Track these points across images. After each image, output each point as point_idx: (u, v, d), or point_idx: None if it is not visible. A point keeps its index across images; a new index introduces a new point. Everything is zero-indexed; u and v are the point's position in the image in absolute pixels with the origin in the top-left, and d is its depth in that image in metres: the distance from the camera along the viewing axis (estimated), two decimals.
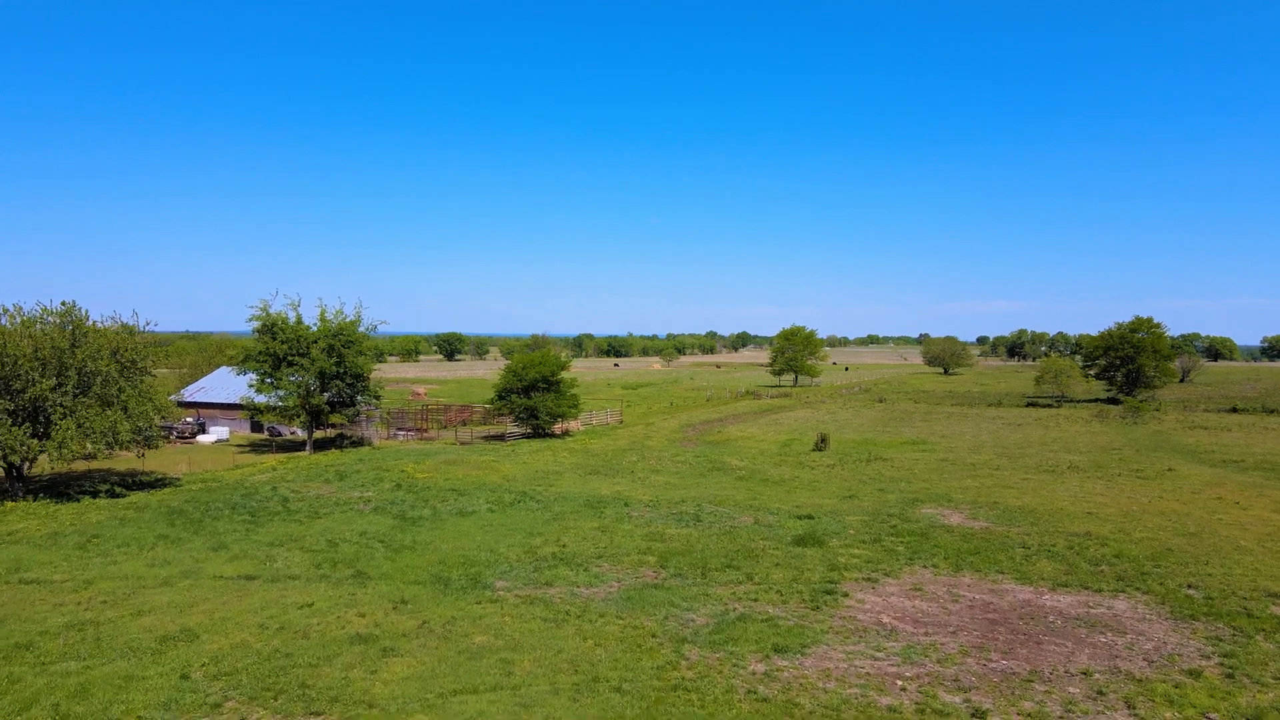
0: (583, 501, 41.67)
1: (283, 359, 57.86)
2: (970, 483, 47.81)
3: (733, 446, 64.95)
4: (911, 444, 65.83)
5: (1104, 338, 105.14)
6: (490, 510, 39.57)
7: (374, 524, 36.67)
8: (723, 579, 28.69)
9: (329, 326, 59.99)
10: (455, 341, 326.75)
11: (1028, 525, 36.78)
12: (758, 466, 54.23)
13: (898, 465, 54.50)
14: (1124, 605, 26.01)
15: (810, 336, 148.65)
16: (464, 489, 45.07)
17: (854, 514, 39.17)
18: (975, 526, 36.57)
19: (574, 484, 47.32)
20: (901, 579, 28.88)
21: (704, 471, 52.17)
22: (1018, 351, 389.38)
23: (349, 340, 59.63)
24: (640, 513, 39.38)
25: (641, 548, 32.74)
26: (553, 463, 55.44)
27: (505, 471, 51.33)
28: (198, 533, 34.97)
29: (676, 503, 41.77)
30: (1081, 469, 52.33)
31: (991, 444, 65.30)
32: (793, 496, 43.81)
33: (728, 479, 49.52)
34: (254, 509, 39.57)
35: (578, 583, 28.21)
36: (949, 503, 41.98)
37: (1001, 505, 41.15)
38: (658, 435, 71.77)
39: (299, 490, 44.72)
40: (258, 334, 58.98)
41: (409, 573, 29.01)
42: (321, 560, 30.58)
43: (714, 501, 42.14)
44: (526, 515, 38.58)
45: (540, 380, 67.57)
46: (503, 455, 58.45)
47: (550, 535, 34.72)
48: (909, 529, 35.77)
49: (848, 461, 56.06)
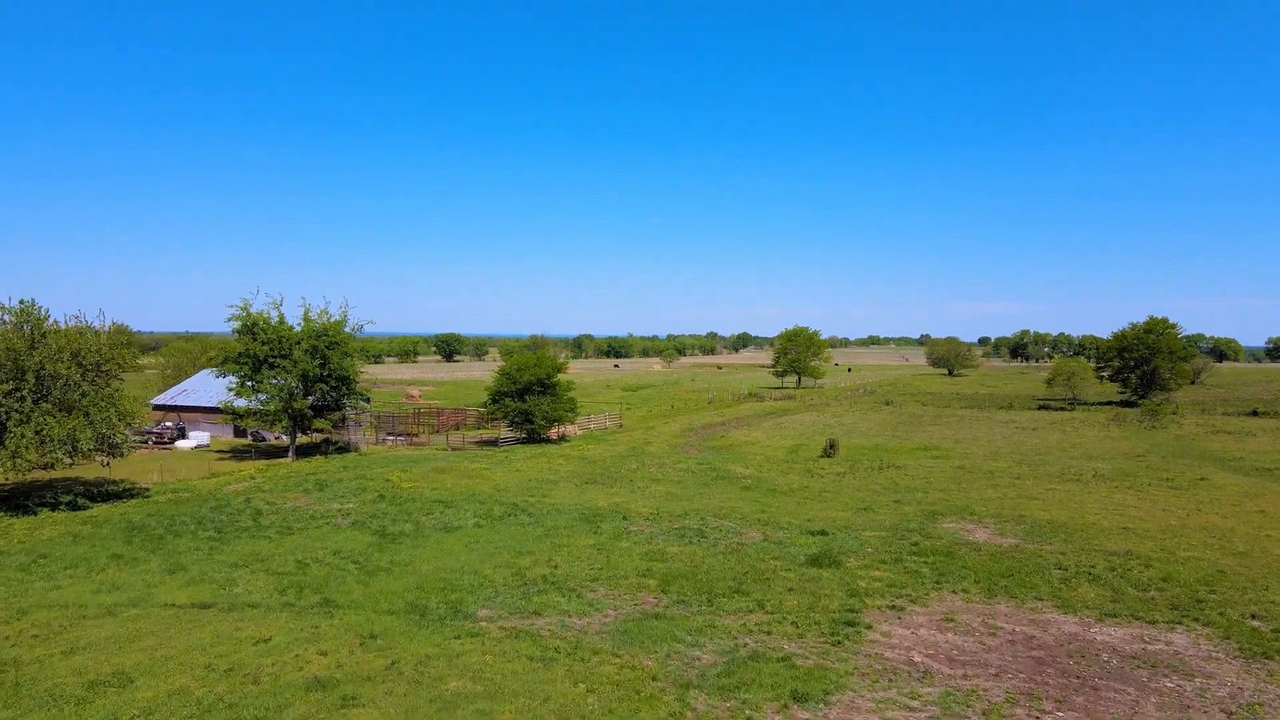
0: (578, 515, 38.76)
1: (264, 361, 54.98)
2: (991, 493, 44.90)
3: (737, 452, 62.04)
4: (924, 449, 62.91)
5: (1117, 339, 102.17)
6: (478, 525, 36.65)
7: (350, 541, 33.76)
8: (731, 606, 25.79)
9: (313, 327, 57.11)
10: (454, 342, 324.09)
11: (1060, 542, 33.85)
12: (764, 475, 51.31)
13: (912, 473, 51.59)
14: (1184, 640, 23.09)
15: (813, 337, 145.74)
16: (451, 500, 42.17)
17: (870, 529, 36.27)
18: (1004, 544, 33.65)
19: (569, 494, 44.42)
20: (930, 607, 25.97)
21: (707, 480, 49.27)
22: (1020, 352, 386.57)
23: (333, 341, 56.74)
24: (640, 527, 36.49)
25: (641, 569, 29.83)
26: (547, 471, 52.54)
27: (497, 480, 48.43)
28: (155, 551, 32.04)
29: (679, 516, 38.88)
30: (1108, 478, 49.41)
31: (1008, 450, 62.39)
32: (803, 509, 40.91)
33: (733, 489, 46.61)
34: (222, 524, 36.65)
35: (570, 611, 25.32)
36: (971, 516, 39.08)
37: (1029, 519, 38.24)
38: (658, 440, 68.87)
39: (274, 502, 41.81)
40: (238, 334, 56.11)
41: (383, 600, 26.10)
42: (287, 585, 27.67)
43: (719, 514, 39.25)
44: (517, 531, 35.67)
45: (535, 383, 64.67)
46: (495, 462, 55.56)
47: (541, 554, 31.81)
48: (932, 547, 32.85)
49: (859, 469, 53.15)
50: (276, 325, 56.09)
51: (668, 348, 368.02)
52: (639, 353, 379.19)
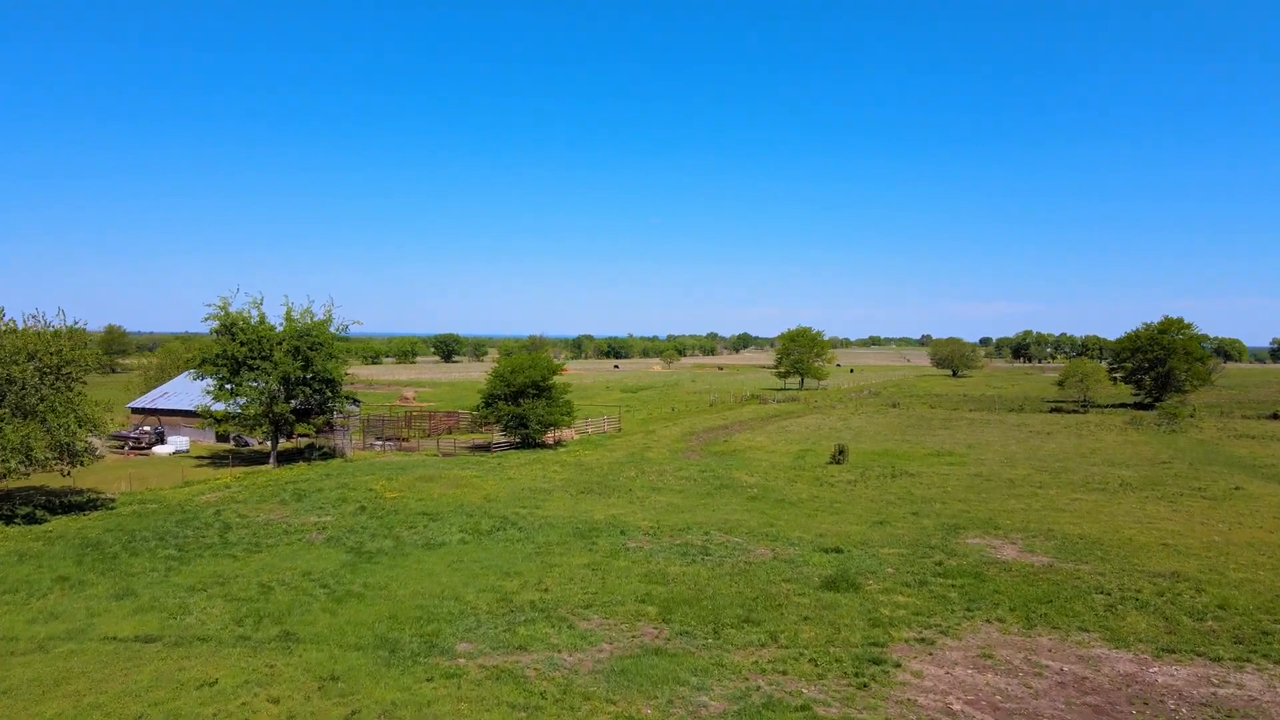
0: (572, 529, 35.95)
1: (242, 363, 52.16)
2: (1014, 504, 42.10)
3: (741, 458, 59.24)
4: (937, 455, 60.11)
5: (1131, 339, 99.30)
6: (463, 541, 33.84)
7: (323, 560, 30.95)
8: (740, 639, 23.01)
9: (295, 327, 54.28)
10: (452, 343, 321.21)
11: (1097, 561, 31.05)
12: (771, 483, 48.51)
13: (926, 482, 48.77)
14: (1257, 682, 20.29)
15: (816, 338, 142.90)
16: (437, 512, 39.37)
17: (888, 545, 33.47)
18: (1035, 563, 30.85)
19: (563, 505, 41.63)
20: (963, 640, 23.18)
21: (711, 490, 46.46)
22: (1023, 353, 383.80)
23: (317, 342, 53.90)
24: (639, 543, 33.69)
25: (639, 593, 27.04)
26: (541, 478, 49.74)
27: (487, 490, 45.62)
28: (107, 573, 29.23)
29: (680, 530, 36.09)
30: (1135, 487, 46.60)
31: (1025, 456, 59.58)
32: (814, 522, 38.11)
33: (738, 499, 43.81)
34: (185, 540, 33.82)
35: (560, 645, 22.53)
36: (996, 530, 36.27)
37: (1058, 534, 35.43)
38: (658, 445, 66.06)
39: (246, 515, 39.00)
40: (216, 335, 53.29)
41: (350, 632, 23.29)
42: (246, 613, 24.86)
43: (724, 528, 36.45)
44: (505, 548, 32.86)
45: (530, 385, 61.83)
46: (487, 469, 52.75)
47: (531, 575, 29.01)
48: (958, 567, 30.04)
49: (870, 477, 50.34)
50: (256, 325, 53.28)
51: (668, 348, 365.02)
52: (639, 353, 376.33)
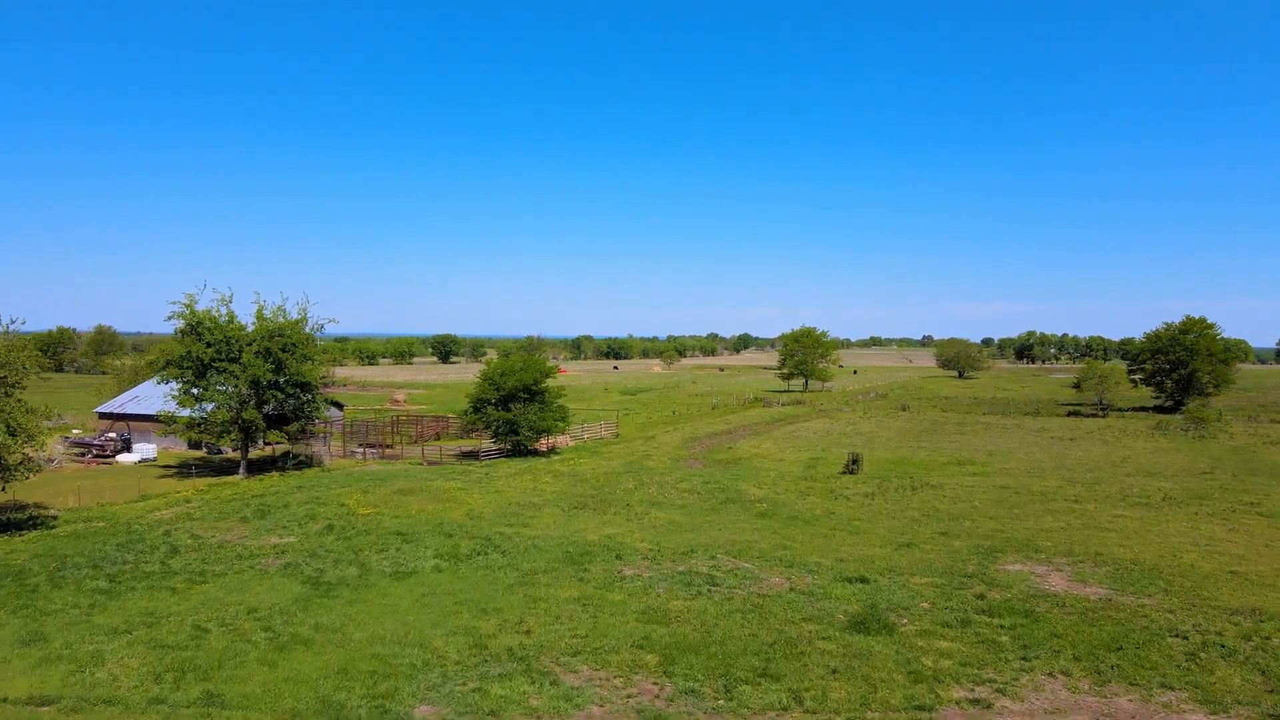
0: (562, 553, 32.02)
1: (208, 365, 48.24)
2: (1051, 522, 38.17)
3: (747, 468, 55.33)
4: (957, 464, 56.18)
5: (1151, 340, 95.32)
6: (437, 569, 29.92)
7: (274, 593, 27.03)
8: (757, 700, 19.13)
9: (267, 326, 50.36)
10: (449, 343, 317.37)
11: (1160, 594, 27.13)
12: (781, 497, 44.58)
13: (950, 495, 44.85)
14: None
15: (821, 338, 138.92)
16: (413, 531, 35.46)
17: (919, 573, 29.56)
18: (1090, 596, 26.93)
19: (554, 523, 37.72)
20: (1026, 700, 19.26)
21: (716, 504, 42.55)
22: (1026, 353, 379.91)
23: (290, 343, 49.93)
24: (637, 570, 29.79)
25: (637, 635, 23.14)
26: (531, 491, 45.82)
27: (471, 504, 41.71)
28: (20, 610, 25.30)
29: (684, 553, 32.19)
30: (1180, 501, 42.67)
31: (1052, 464, 55.65)
32: (832, 544, 34.19)
33: (745, 515, 39.90)
34: (122, 568, 29.89)
35: (540, 709, 18.65)
36: (1037, 554, 32.35)
37: (1108, 558, 31.51)
38: (659, 453, 62.14)
39: (200, 535, 35.08)
40: (181, 335, 49.36)
41: (287, 693, 19.37)
42: (169, 665, 20.94)
43: (732, 551, 32.54)
44: (485, 577, 28.94)
45: (521, 389, 57.87)
46: (473, 480, 48.83)
47: (512, 612, 25.11)
48: (1004, 602, 26.12)
49: (889, 489, 46.40)
50: (225, 325, 49.36)
51: (668, 349, 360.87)
52: (639, 354, 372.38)
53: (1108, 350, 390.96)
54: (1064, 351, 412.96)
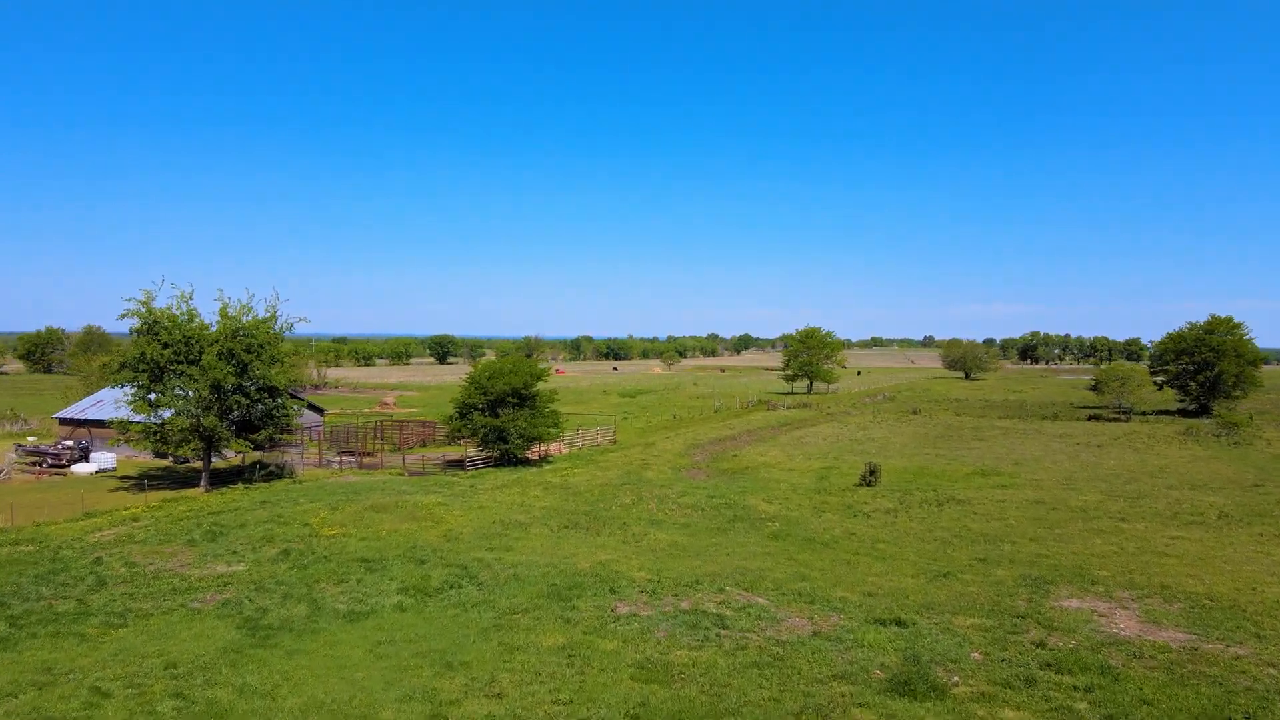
0: (547, 585, 27.80)
1: (165, 368, 44.04)
2: (1100, 544, 33.96)
3: (755, 478, 51.13)
4: (981, 475, 51.98)
5: (1175, 340, 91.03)
6: (401, 606, 25.70)
7: (202, 641, 22.82)
8: None
9: (231, 325, 46.14)
10: (447, 344, 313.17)
11: (1251, 640, 22.92)
12: (794, 513, 40.38)
13: (981, 511, 40.64)
14: None
15: (828, 338, 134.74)
16: (380, 557, 31.26)
17: (962, 611, 25.37)
18: (1171, 643, 22.70)
19: (540, 546, 33.52)
20: None
21: (722, 523, 38.35)
22: (1030, 354, 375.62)
23: (255, 344, 45.68)
24: (634, 607, 25.60)
25: (632, 701, 18.95)
26: (519, 506, 41.63)
27: (450, 523, 37.51)
28: None
29: (688, 585, 27.99)
30: (1237, 519, 38.45)
31: (1084, 475, 51.43)
32: (856, 572, 29.99)
33: (756, 537, 35.69)
34: (31, 606, 25.66)
35: None
36: (1094, 586, 28.14)
37: (1178, 592, 27.30)
38: (659, 461, 57.92)
39: (137, 563, 30.88)
40: (136, 335, 45.16)
41: None
42: None
43: (743, 582, 28.34)
44: (455, 618, 24.73)
45: (510, 394, 53.62)
46: (455, 494, 44.63)
47: (482, 668, 20.90)
48: (1070, 653, 21.88)
49: (912, 505, 42.20)
50: (184, 324, 45.14)
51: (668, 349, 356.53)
52: (639, 354, 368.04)
53: (1112, 351, 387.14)
54: (1068, 352, 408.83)
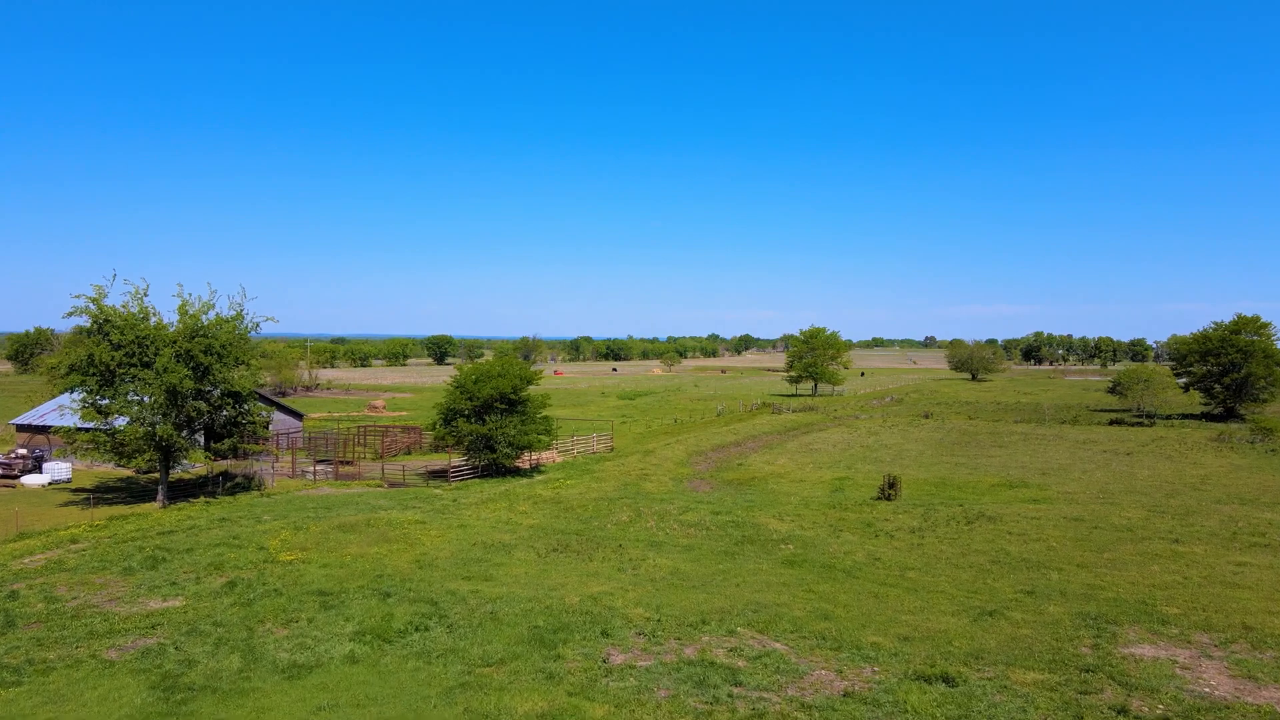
0: (528, 627, 23.81)
1: (115, 371, 40.07)
2: (1159, 572, 29.98)
3: (763, 490, 47.17)
4: (1008, 487, 48.01)
5: (1199, 340, 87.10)
6: (352, 657, 21.70)
7: (105, 706, 18.85)
8: None
9: (192, 324, 42.17)
10: (444, 344, 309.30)
11: None
12: (809, 533, 36.40)
13: (1016, 530, 36.65)
14: None
15: (833, 339, 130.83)
16: (340, 590, 27.30)
17: (1017, 662, 21.38)
18: (1277, 705, 18.75)
19: (525, 575, 29.56)
20: None
21: (730, 545, 34.37)
22: (1034, 355, 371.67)
23: (217, 345, 41.67)
24: (629, 656, 21.65)
25: None
26: (504, 524, 37.68)
27: (426, 545, 33.54)
28: None
29: (692, 625, 24.04)
30: None
31: (1120, 487, 47.47)
32: (886, 607, 26.01)
33: (769, 562, 31.71)
34: None
35: None
36: (1165, 626, 24.16)
37: (1265, 634, 23.32)
38: (659, 471, 53.96)
39: (61, 595, 26.90)
40: (84, 335, 41.20)
41: None
42: None
43: (757, 621, 24.39)
44: (415, 673, 20.75)
45: (498, 398, 49.64)
46: (435, 509, 40.68)
47: None
48: None
49: (937, 521, 38.21)
50: (138, 323, 41.15)
51: (668, 350, 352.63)
52: (639, 355, 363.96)
53: (1117, 351, 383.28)
54: (1071, 352, 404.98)
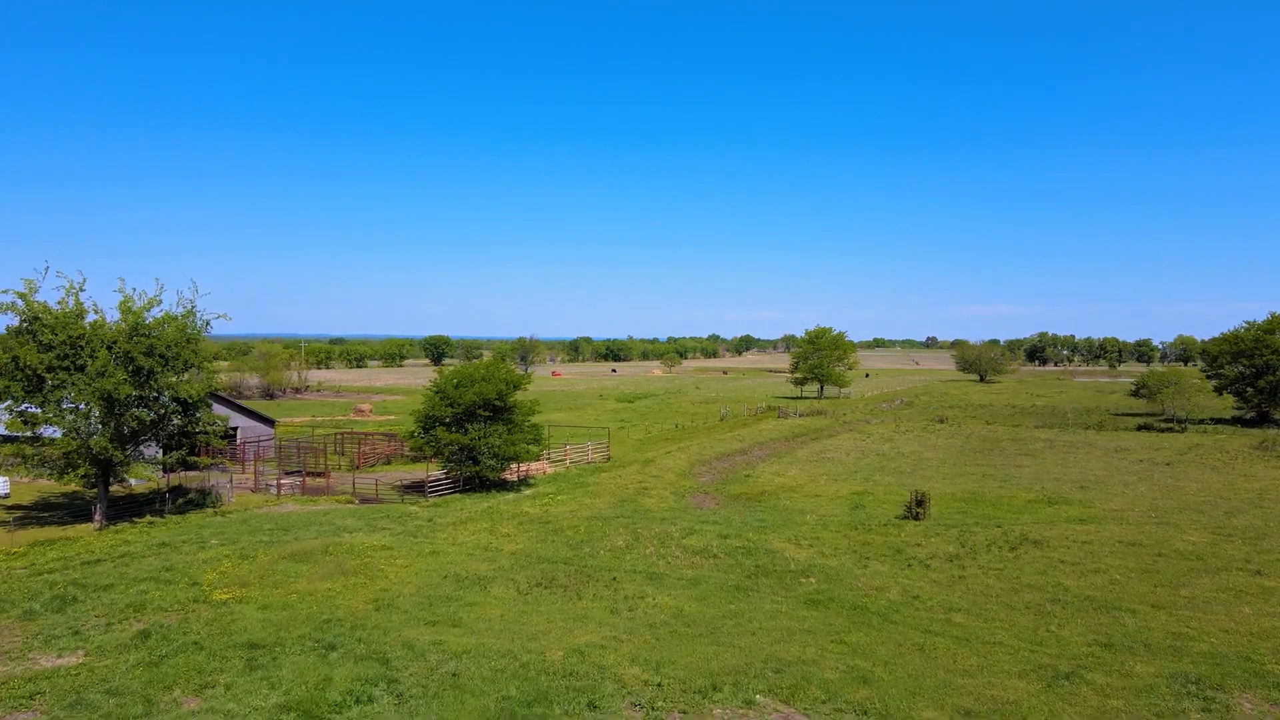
0: (497, 699, 19.15)
1: (44, 376, 35.41)
2: (1250, 614, 25.32)
3: (775, 507, 42.50)
4: (1046, 503, 43.33)
5: (1230, 340, 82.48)
6: None
7: None
8: None
9: (134, 322, 37.50)
10: (442, 345, 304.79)
11: None
12: (832, 562, 31.71)
13: (1068, 557, 31.96)
14: None
15: (839, 339, 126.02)
16: (276, 640, 22.63)
17: None
18: None
19: (501, 618, 24.90)
20: None
21: (741, 577, 29.69)
22: (1038, 355, 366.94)
23: (161, 346, 36.98)
24: None
25: None
26: (483, 550, 33.02)
27: (389, 578, 28.89)
28: None
29: (701, 692, 19.43)
30: None
31: (1170, 503, 42.78)
32: (937, 668, 21.35)
33: (788, 602, 27.04)
34: None
35: None
36: None
37: None
38: (660, 484, 49.29)
39: None
40: (12, 335, 36.55)
41: None
42: None
43: (779, 688, 19.74)
44: None
45: (482, 405, 44.94)
46: (407, 531, 36.03)
47: None
48: None
49: (976, 547, 33.51)
50: (71, 321, 36.50)
51: (669, 350, 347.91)
52: (639, 355, 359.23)
53: (1123, 352, 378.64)
54: (1076, 353, 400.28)
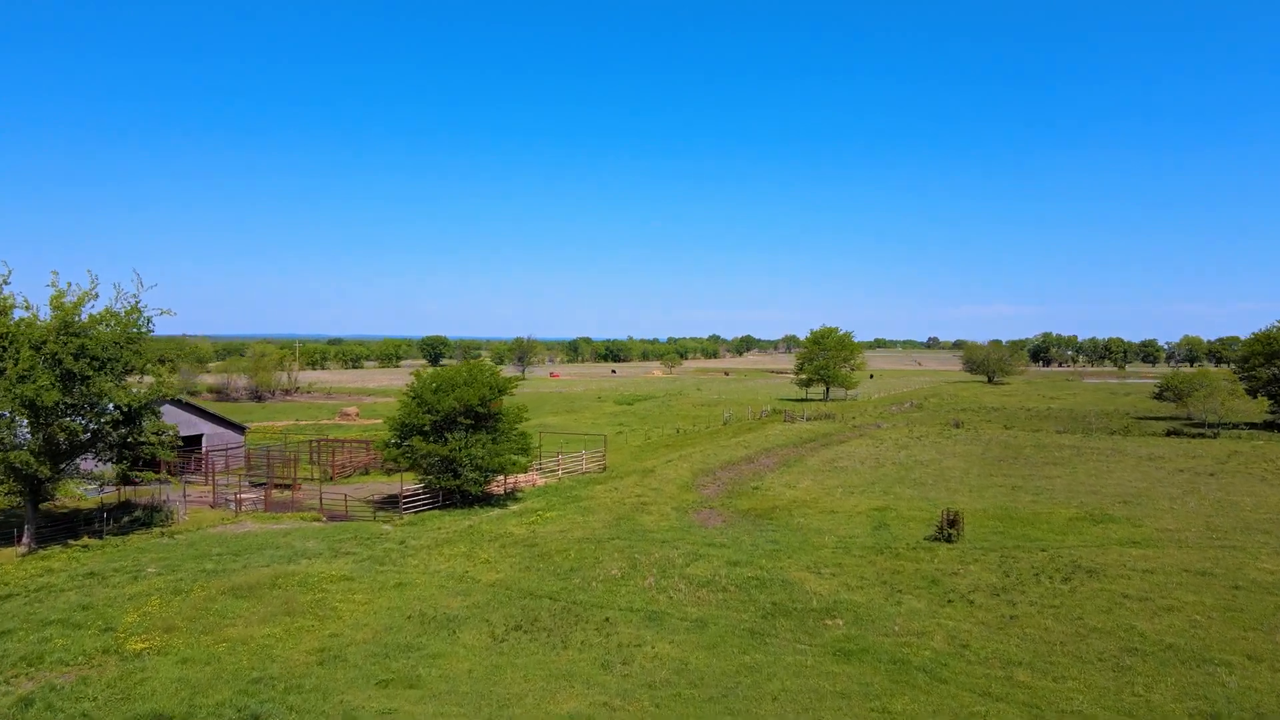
0: None
1: None
2: None
3: (788, 525, 38.18)
4: (1089, 520, 38.99)
5: (1263, 341, 78.28)
6: None
7: None
8: None
9: (65, 319, 33.21)
10: (439, 345, 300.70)
11: None
12: (860, 596, 27.39)
13: (1130, 589, 27.67)
14: None
15: (846, 339, 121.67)
16: (186, 711, 18.38)
17: None
18: None
19: (468, 675, 20.61)
20: None
21: (756, 617, 25.38)
22: (1042, 356, 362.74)
23: (95, 348, 32.66)
24: None
25: None
26: (457, 581, 28.73)
27: (344, 618, 24.61)
28: None
29: None
30: None
31: (1228, 521, 38.47)
32: None
33: (813, 651, 22.72)
34: None
35: None
36: None
37: None
38: (660, 498, 44.99)
39: None
40: None
41: None
42: None
43: None
44: None
45: (463, 412, 40.62)
46: (373, 557, 31.74)
47: None
48: None
49: (1024, 576, 29.20)
50: None
51: (669, 351, 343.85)
52: (639, 356, 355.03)
53: (1128, 352, 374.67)
54: (1081, 353, 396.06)
